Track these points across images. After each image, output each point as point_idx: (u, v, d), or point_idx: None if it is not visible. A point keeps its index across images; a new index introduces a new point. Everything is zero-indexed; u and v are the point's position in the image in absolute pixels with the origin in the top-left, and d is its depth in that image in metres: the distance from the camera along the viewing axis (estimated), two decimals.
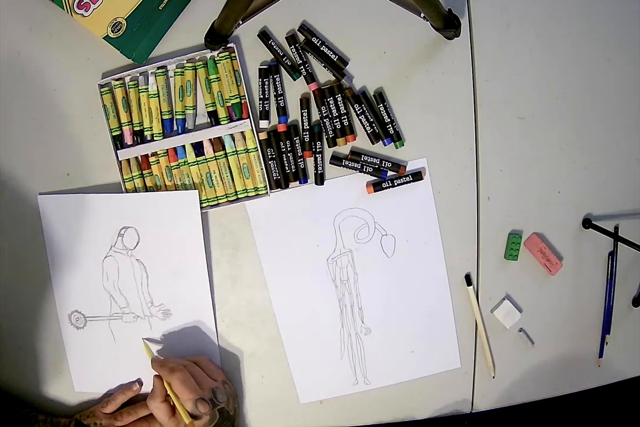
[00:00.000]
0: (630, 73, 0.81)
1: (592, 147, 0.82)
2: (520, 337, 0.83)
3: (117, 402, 0.80)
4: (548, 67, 0.80)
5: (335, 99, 0.78)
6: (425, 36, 0.78)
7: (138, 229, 0.80)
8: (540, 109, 0.81)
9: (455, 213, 0.81)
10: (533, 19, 0.79)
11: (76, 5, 0.75)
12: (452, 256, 0.81)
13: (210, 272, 0.81)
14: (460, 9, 0.78)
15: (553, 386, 0.85)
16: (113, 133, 0.80)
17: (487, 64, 0.79)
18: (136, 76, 0.79)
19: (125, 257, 0.81)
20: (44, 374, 0.84)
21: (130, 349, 0.82)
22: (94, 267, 0.81)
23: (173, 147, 0.79)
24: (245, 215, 0.81)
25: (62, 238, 0.81)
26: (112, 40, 0.75)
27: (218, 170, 0.80)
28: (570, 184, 0.82)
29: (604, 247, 0.83)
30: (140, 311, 0.81)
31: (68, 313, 0.82)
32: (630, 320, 0.85)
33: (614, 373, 0.85)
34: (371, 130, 0.79)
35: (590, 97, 0.81)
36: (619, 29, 0.80)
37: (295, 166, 0.80)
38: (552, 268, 0.81)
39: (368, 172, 0.79)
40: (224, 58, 0.77)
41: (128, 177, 0.80)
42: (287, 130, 0.79)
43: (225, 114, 0.79)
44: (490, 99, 0.80)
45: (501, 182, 0.81)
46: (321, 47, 0.78)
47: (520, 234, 0.81)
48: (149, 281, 0.81)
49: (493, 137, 0.81)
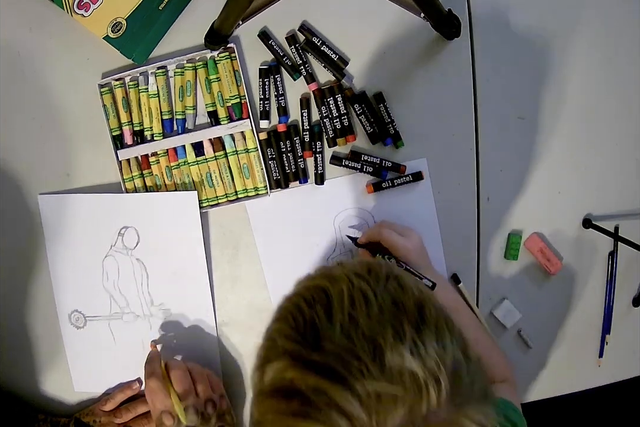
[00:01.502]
0: (631, 73, 0.81)
1: (592, 147, 0.82)
2: (520, 337, 0.83)
3: (117, 400, 0.80)
4: (548, 67, 0.80)
5: (335, 99, 0.78)
6: (425, 36, 0.78)
7: (138, 229, 0.80)
8: (540, 109, 0.81)
9: (455, 213, 0.81)
10: (533, 19, 0.79)
11: (76, 5, 0.75)
12: (452, 256, 0.81)
13: (210, 272, 0.81)
14: (460, 9, 0.77)
15: (553, 386, 0.85)
16: (113, 133, 0.80)
17: (487, 64, 0.79)
18: (136, 76, 0.79)
19: (125, 256, 0.81)
20: (43, 373, 0.84)
21: (130, 349, 0.82)
22: (94, 267, 0.81)
23: (173, 147, 0.79)
24: (245, 215, 0.81)
25: (62, 238, 0.81)
26: (112, 40, 0.75)
27: (218, 170, 0.80)
28: (570, 184, 0.82)
29: (604, 247, 0.83)
30: (140, 310, 0.81)
31: (68, 313, 0.82)
32: (630, 320, 0.85)
33: (614, 373, 0.85)
34: (371, 130, 0.79)
35: (590, 97, 0.81)
36: (619, 29, 0.80)
37: (295, 166, 0.80)
38: (552, 268, 0.81)
39: (368, 172, 0.79)
40: (224, 58, 0.77)
41: (128, 177, 0.80)
42: (287, 130, 0.79)
43: (225, 114, 0.79)
44: (490, 99, 0.80)
45: (501, 182, 0.81)
46: (321, 47, 0.78)
47: (520, 234, 0.81)
48: (149, 280, 0.81)
49: (493, 137, 0.80)
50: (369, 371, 0.38)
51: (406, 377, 0.38)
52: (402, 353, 0.39)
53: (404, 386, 0.38)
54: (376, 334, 0.40)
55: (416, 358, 0.39)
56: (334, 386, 0.38)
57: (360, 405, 0.37)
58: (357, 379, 0.38)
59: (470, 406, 0.40)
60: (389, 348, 0.39)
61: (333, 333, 0.40)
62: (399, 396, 0.38)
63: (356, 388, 0.38)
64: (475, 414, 0.40)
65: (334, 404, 0.38)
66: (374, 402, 0.38)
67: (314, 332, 0.41)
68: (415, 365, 0.39)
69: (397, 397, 0.38)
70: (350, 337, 0.40)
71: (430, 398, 0.38)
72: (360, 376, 0.38)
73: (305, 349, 0.40)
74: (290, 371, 0.40)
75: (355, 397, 0.37)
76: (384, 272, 0.46)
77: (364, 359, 0.39)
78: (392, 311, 0.42)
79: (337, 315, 0.41)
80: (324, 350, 0.40)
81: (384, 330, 0.40)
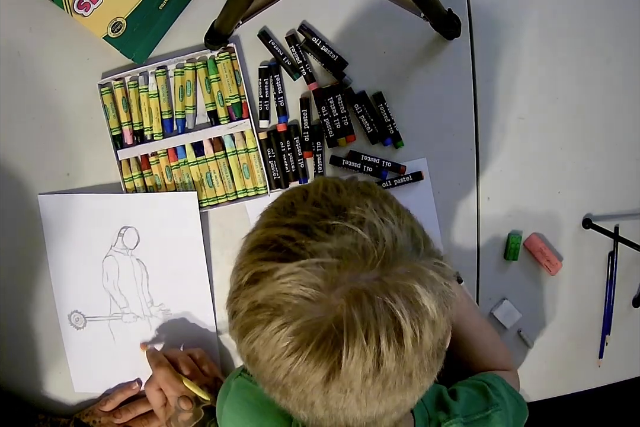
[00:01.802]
0: (630, 73, 0.81)
1: (592, 147, 0.82)
2: (520, 337, 0.83)
3: (116, 400, 0.80)
4: (548, 67, 0.80)
5: (335, 99, 0.78)
6: (425, 36, 0.78)
7: (138, 229, 0.80)
8: (540, 109, 0.81)
9: (455, 213, 0.81)
10: (533, 19, 0.79)
11: (76, 5, 0.75)
12: (452, 256, 0.81)
13: (210, 272, 0.81)
14: (460, 9, 0.77)
15: (553, 386, 0.85)
16: (113, 133, 0.80)
17: (487, 64, 0.79)
18: (136, 76, 0.79)
19: (125, 256, 0.81)
20: (43, 374, 0.84)
21: (130, 349, 0.82)
22: (94, 267, 0.81)
23: (173, 147, 0.79)
24: (245, 215, 0.81)
25: (62, 238, 0.81)
26: (112, 40, 0.75)
27: (218, 170, 0.80)
28: (570, 184, 0.82)
29: (604, 247, 0.83)
30: (140, 311, 0.81)
31: (68, 313, 0.82)
32: (630, 320, 0.85)
33: (614, 373, 0.85)
34: (371, 130, 0.79)
35: (590, 97, 0.81)
36: (619, 29, 0.80)
37: (295, 166, 0.80)
38: (552, 268, 0.81)
39: (368, 172, 0.79)
40: (224, 58, 0.77)
41: (128, 177, 0.80)
42: (287, 130, 0.79)
43: (225, 114, 0.79)
44: (490, 99, 0.80)
45: (501, 182, 0.81)
46: (321, 47, 0.78)
47: (520, 234, 0.81)
48: (149, 280, 0.81)
49: (493, 137, 0.80)
50: (333, 225, 0.44)
51: (366, 228, 0.43)
52: (364, 210, 0.45)
53: (363, 235, 0.43)
54: (342, 202, 0.46)
55: (376, 214, 0.45)
56: (301, 234, 0.44)
57: (326, 251, 0.42)
58: (323, 230, 0.44)
59: (424, 260, 0.45)
60: (352, 208, 0.45)
61: (306, 206, 0.47)
62: (358, 244, 0.43)
63: (322, 237, 0.43)
64: (431, 263, 0.45)
65: (302, 247, 0.43)
66: (337, 249, 0.42)
67: (291, 208, 0.48)
68: (375, 219, 0.44)
69: (357, 245, 0.43)
70: (320, 205, 0.46)
71: (387, 245, 0.43)
72: (325, 228, 0.44)
73: (280, 217, 0.47)
74: (267, 231, 0.47)
75: (321, 243, 0.43)
76: (355, 181, 0.52)
77: (329, 217, 0.44)
78: (359, 194, 0.48)
79: (311, 195, 0.48)
80: (296, 215, 0.46)
81: (349, 200, 0.47)
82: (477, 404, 0.63)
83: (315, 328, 0.42)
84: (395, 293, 0.42)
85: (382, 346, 0.41)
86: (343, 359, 0.41)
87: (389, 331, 0.41)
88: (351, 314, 0.41)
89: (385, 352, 0.41)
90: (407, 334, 0.42)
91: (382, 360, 0.42)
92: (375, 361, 0.42)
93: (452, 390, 0.64)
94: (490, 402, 0.63)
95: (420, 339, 0.43)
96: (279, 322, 0.42)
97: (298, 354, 0.42)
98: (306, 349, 0.42)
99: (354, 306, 0.41)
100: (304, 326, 0.42)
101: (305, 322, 0.42)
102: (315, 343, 0.41)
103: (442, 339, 0.46)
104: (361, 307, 0.41)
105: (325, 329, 0.41)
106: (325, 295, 0.42)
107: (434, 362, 0.46)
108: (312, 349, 0.41)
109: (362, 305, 0.41)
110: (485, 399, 0.63)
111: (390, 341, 0.41)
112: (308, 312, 0.42)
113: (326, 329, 0.41)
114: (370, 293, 0.42)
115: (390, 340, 0.41)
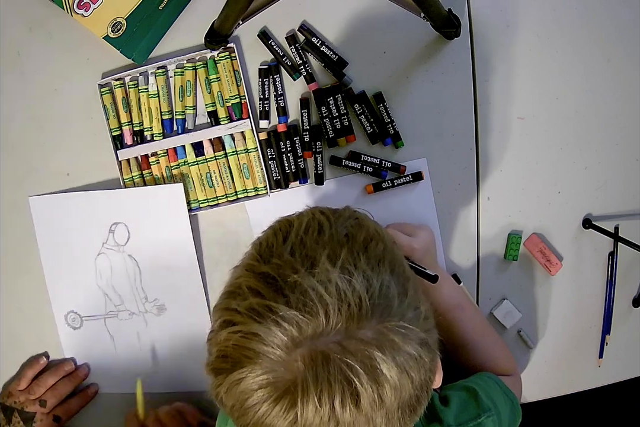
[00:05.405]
0: (630, 73, 0.81)
1: (592, 147, 0.82)
2: (520, 338, 0.83)
3: (28, 377, 0.80)
4: (548, 67, 0.80)
5: (335, 99, 0.78)
6: (425, 36, 0.78)
7: (127, 225, 0.80)
8: (540, 109, 0.81)
9: (455, 213, 0.81)
10: (533, 19, 0.79)
11: (76, 5, 0.75)
12: (452, 256, 0.81)
13: (202, 268, 0.80)
14: (460, 9, 0.77)
15: (553, 386, 0.85)
16: (113, 133, 0.80)
17: (487, 64, 0.79)
18: (136, 76, 0.79)
19: (117, 253, 0.81)
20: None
21: (127, 347, 0.82)
22: (87, 266, 0.81)
23: (173, 147, 0.79)
24: (245, 215, 0.81)
25: (54, 238, 0.81)
26: (112, 40, 0.75)
27: (218, 170, 0.80)
28: (570, 184, 0.82)
29: (604, 247, 0.83)
30: (135, 307, 0.81)
31: (64, 314, 0.82)
32: (630, 320, 0.85)
33: (614, 373, 0.85)
34: (371, 131, 0.79)
35: (590, 97, 0.81)
36: (619, 29, 0.80)
37: (295, 166, 0.80)
38: (552, 268, 0.81)
39: (368, 173, 0.79)
40: (224, 58, 0.77)
41: (128, 177, 0.80)
42: (287, 130, 0.79)
43: (225, 114, 0.79)
44: (490, 99, 0.80)
45: (501, 182, 0.81)
46: (321, 47, 0.78)
47: (520, 234, 0.81)
48: (142, 276, 0.81)
49: (493, 137, 0.80)
50: (300, 283, 0.43)
51: (332, 288, 0.43)
52: (335, 264, 0.44)
53: (327, 298, 0.42)
54: (315, 253, 0.46)
55: (346, 272, 0.44)
56: (268, 289, 0.44)
57: (289, 308, 0.42)
58: (290, 287, 0.44)
59: (394, 321, 0.44)
60: (322, 262, 0.44)
61: (283, 251, 0.47)
62: (322, 306, 0.42)
63: (287, 294, 0.43)
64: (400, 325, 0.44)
65: (266, 306, 0.43)
66: (300, 305, 0.42)
67: (270, 251, 0.48)
68: (343, 279, 0.43)
69: (320, 306, 0.42)
70: (294, 254, 0.46)
71: (351, 307, 0.42)
72: (292, 285, 0.44)
73: (257, 263, 0.47)
74: (241, 277, 0.47)
75: (283, 300, 0.43)
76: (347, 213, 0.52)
77: (299, 271, 0.44)
78: (340, 240, 0.47)
79: (291, 238, 0.48)
80: (271, 263, 0.46)
81: (323, 251, 0.45)
82: (468, 410, 0.63)
83: (274, 386, 0.42)
84: (353, 359, 0.42)
85: (337, 408, 0.41)
86: (299, 417, 0.42)
87: (344, 394, 0.41)
88: (305, 376, 0.41)
89: (340, 414, 0.42)
90: (364, 397, 0.42)
91: (339, 420, 0.42)
92: (334, 421, 0.42)
93: (444, 396, 0.65)
94: (481, 407, 0.64)
95: (380, 401, 0.42)
96: (238, 376, 0.43)
97: (258, 407, 0.43)
98: (266, 402, 0.43)
99: (309, 368, 0.42)
100: (261, 383, 0.42)
101: (264, 380, 0.42)
102: (275, 399, 0.42)
103: (417, 394, 0.45)
104: (316, 370, 0.41)
105: (282, 388, 0.42)
106: (285, 354, 0.42)
107: (407, 414, 0.45)
108: (271, 405, 0.42)
109: (317, 368, 0.42)
110: (477, 404, 0.64)
111: (344, 403, 0.41)
112: (268, 370, 0.42)
113: (283, 389, 0.42)
114: (328, 356, 0.42)
115: (345, 403, 0.41)
